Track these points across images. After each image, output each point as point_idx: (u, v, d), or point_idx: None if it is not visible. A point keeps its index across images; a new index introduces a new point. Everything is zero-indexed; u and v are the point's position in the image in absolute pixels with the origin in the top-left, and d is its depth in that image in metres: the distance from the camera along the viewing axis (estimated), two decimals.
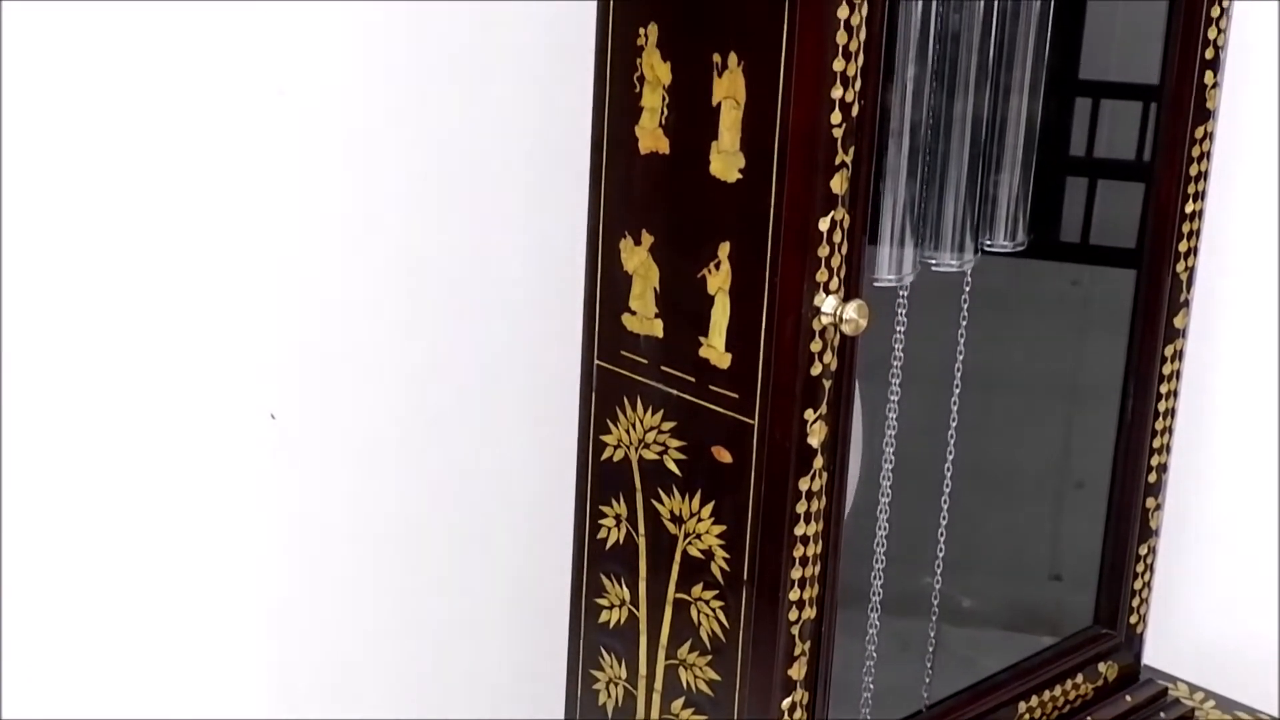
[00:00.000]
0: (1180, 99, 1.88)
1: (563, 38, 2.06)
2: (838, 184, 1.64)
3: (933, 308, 1.97)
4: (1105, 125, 2.07)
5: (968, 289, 1.92)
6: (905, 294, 1.85)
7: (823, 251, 1.65)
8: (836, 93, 1.62)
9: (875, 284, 1.78)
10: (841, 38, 1.61)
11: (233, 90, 1.99)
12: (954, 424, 1.96)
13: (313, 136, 2.04)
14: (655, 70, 1.70)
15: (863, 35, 1.62)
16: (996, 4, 1.83)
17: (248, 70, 1.99)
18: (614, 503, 1.81)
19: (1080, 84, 2.05)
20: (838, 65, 1.61)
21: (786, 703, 1.73)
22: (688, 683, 1.79)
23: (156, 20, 1.93)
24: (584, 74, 1.75)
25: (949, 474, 1.97)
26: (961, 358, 1.94)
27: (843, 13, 1.60)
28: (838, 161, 1.64)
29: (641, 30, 1.70)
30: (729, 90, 1.66)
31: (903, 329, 1.87)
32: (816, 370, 1.67)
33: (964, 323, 1.93)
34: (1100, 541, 2.06)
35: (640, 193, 1.74)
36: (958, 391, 1.95)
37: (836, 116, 1.62)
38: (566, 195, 1.88)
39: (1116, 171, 2.05)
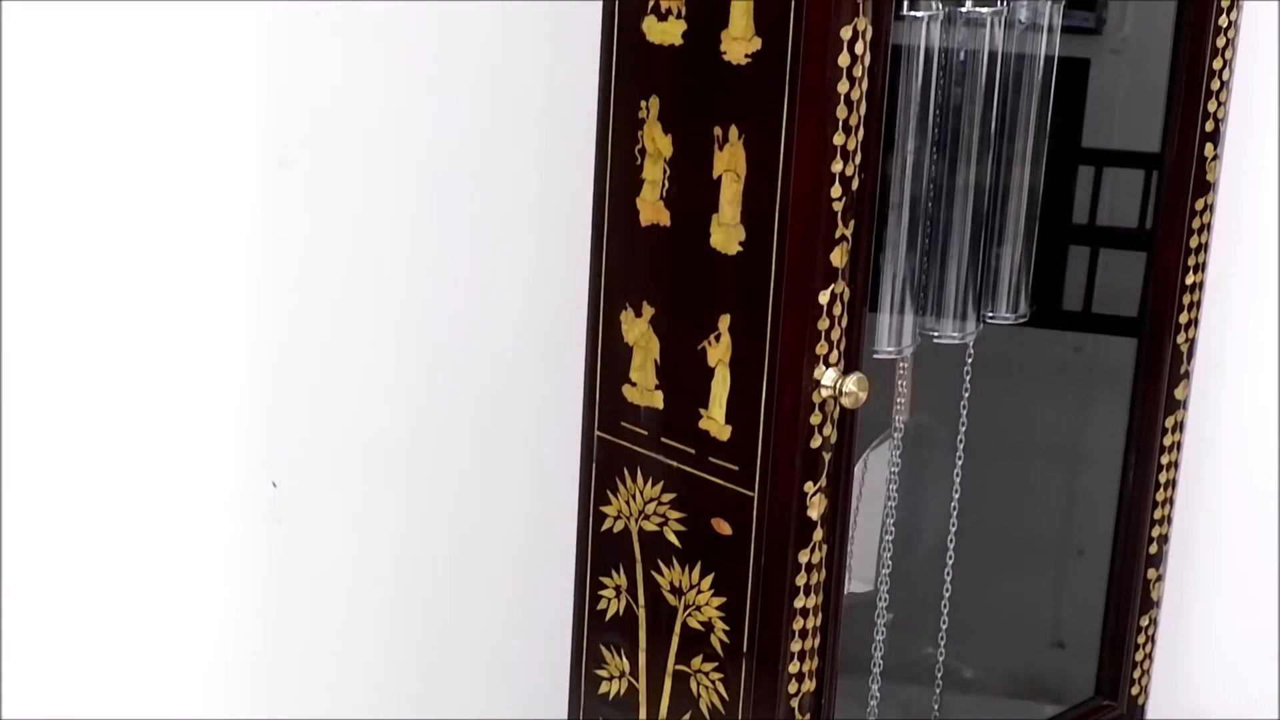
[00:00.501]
0: (1180, 172, 1.88)
1: (564, 109, 2.07)
2: (838, 257, 1.65)
3: (935, 373, 1.97)
4: (1108, 192, 2.08)
5: (970, 359, 1.92)
6: (906, 366, 1.85)
7: (823, 324, 1.65)
8: (837, 166, 1.62)
9: (875, 356, 1.79)
10: (842, 112, 1.61)
11: (233, 163, 2.00)
12: (956, 490, 1.96)
13: (315, 206, 2.05)
14: (656, 143, 1.71)
15: (863, 109, 1.63)
16: (998, 76, 1.83)
17: (248, 141, 2.00)
18: (614, 574, 1.81)
19: (1083, 152, 2.06)
20: (838, 139, 1.62)
21: None
22: None
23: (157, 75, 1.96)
24: (585, 146, 1.76)
25: (952, 541, 1.97)
26: (965, 426, 1.95)
27: (843, 87, 1.61)
28: (838, 235, 1.64)
29: (643, 103, 1.71)
30: (730, 163, 1.66)
31: (903, 399, 1.87)
32: (816, 443, 1.67)
33: (966, 389, 1.94)
34: (1102, 608, 2.06)
35: (641, 265, 1.74)
36: (960, 458, 1.95)
37: (837, 190, 1.63)
38: (567, 267, 1.89)
39: (1118, 240, 2.05)
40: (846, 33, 1.59)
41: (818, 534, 1.69)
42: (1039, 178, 1.90)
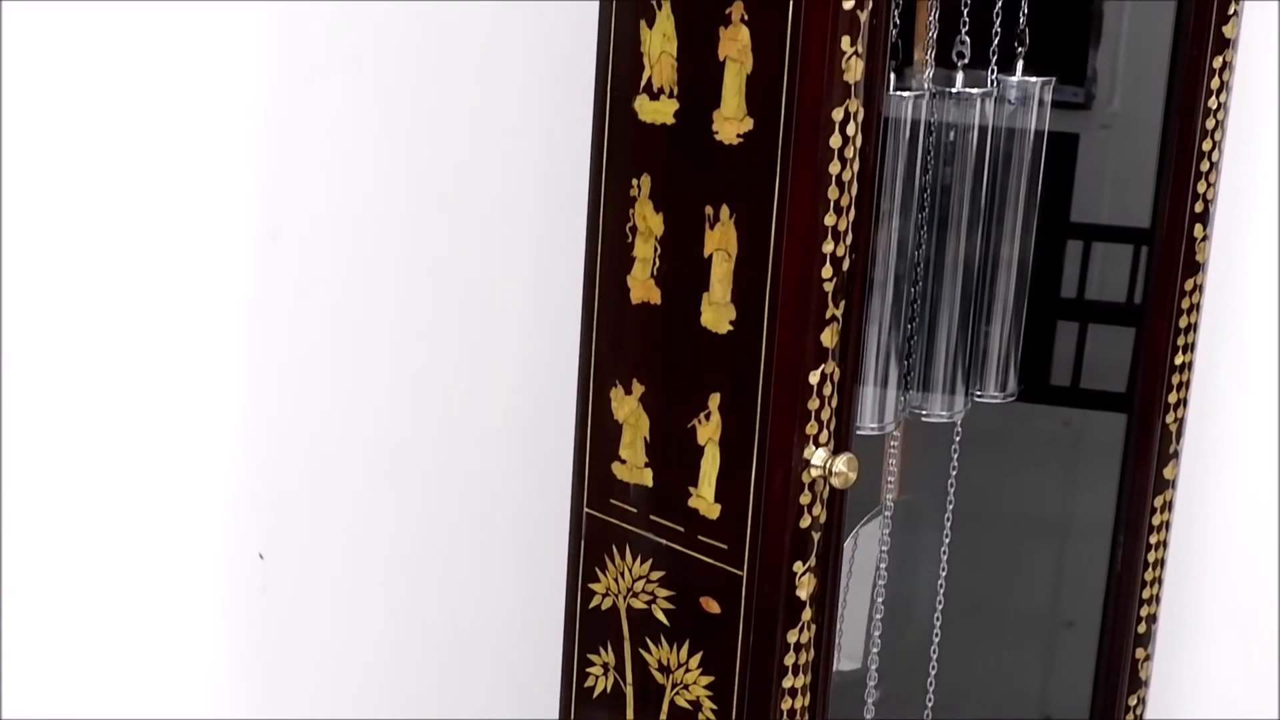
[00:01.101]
0: (1170, 252, 1.89)
1: (555, 186, 2.07)
2: (828, 337, 1.65)
3: (924, 448, 1.97)
4: (1096, 266, 2.08)
5: (958, 435, 1.93)
6: (896, 443, 1.85)
7: (813, 404, 1.65)
8: (828, 247, 1.62)
9: (859, 433, 1.79)
10: (833, 193, 1.61)
11: (225, 235, 2.00)
12: (944, 568, 1.96)
13: (305, 278, 2.06)
14: (648, 221, 1.71)
15: (854, 190, 1.63)
16: (988, 153, 1.84)
17: (240, 213, 2.01)
18: (602, 651, 1.81)
19: (1071, 226, 2.07)
20: (829, 220, 1.62)
21: None
22: None
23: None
24: (577, 222, 1.76)
25: (939, 617, 1.96)
26: (953, 503, 1.94)
27: (834, 168, 1.61)
28: (828, 315, 1.64)
29: (634, 181, 1.71)
30: (721, 242, 1.66)
31: (894, 476, 1.87)
32: (805, 523, 1.67)
33: (954, 466, 1.94)
34: (1091, 683, 2.06)
35: (632, 342, 1.74)
36: (948, 535, 1.95)
37: (827, 270, 1.63)
38: (558, 343, 1.89)
39: (1107, 316, 2.05)
40: (838, 114, 1.60)
41: (806, 614, 1.69)
42: (1028, 252, 1.91)
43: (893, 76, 1.73)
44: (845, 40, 1.59)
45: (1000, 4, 1.83)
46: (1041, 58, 1.91)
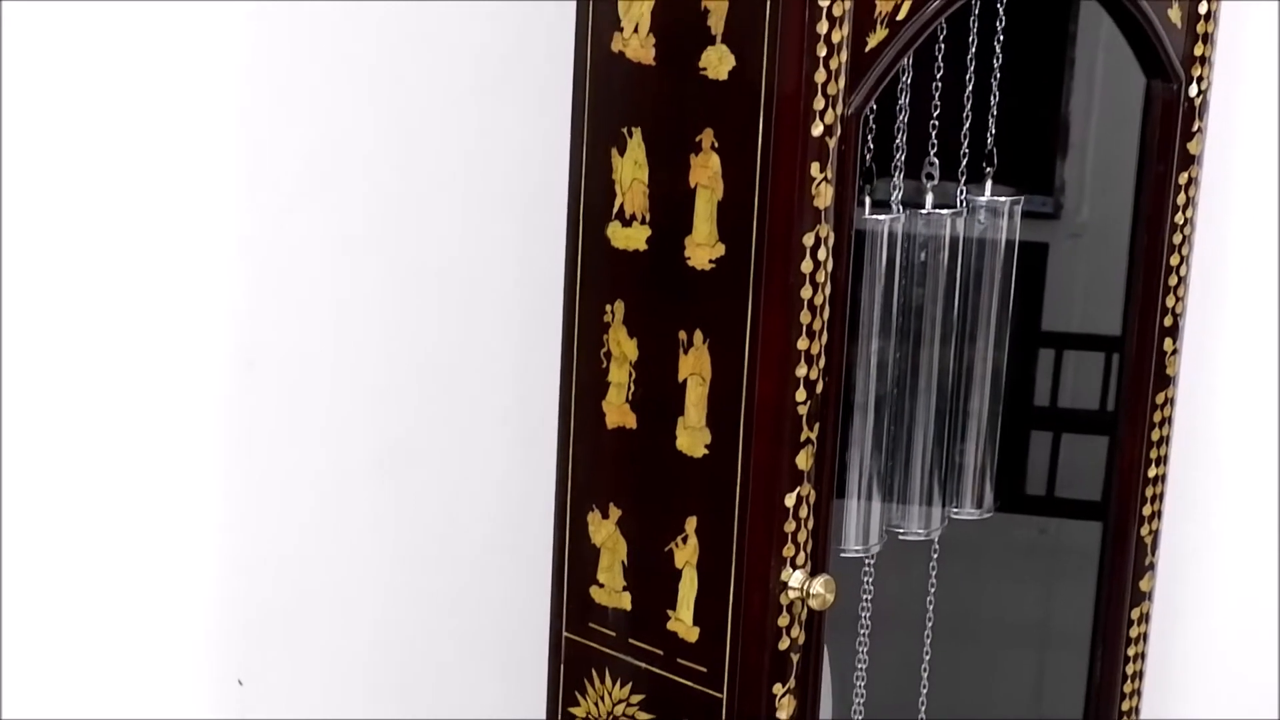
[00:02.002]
0: (1140, 367, 1.90)
1: (530, 311, 2.09)
2: (803, 460, 1.65)
3: (900, 559, 1.98)
4: (1069, 374, 2.09)
5: (935, 552, 1.93)
6: (872, 561, 1.86)
7: (789, 527, 1.65)
8: (801, 371, 1.63)
9: (842, 554, 1.79)
10: (805, 317, 1.63)
11: (202, 364, 2.02)
12: (925, 677, 1.96)
13: (282, 408, 2.07)
14: (622, 346, 1.72)
15: (826, 314, 1.64)
16: (959, 271, 1.86)
17: (218, 342, 2.03)
18: None
19: (1043, 335, 2.08)
20: (802, 344, 1.63)
21: None
22: None
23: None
24: (552, 346, 1.77)
25: None
26: (932, 620, 1.95)
27: (806, 293, 1.62)
28: (803, 438, 1.65)
29: (608, 307, 1.72)
30: (695, 367, 1.67)
31: (870, 593, 1.88)
32: (784, 645, 1.67)
33: (933, 584, 1.94)
34: None
35: (608, 466, 1.74)
36: (928, 652, 1.95)
37: (801, 394, 1.64)
38: (535, 468, 1.89)
39: (1080, 425, 2.06)
40: (809, 239, 1.61)
41: None
42: (1001, 363, 1.92)
43: (865, 200, 1.75)
44: (815, 166, 1.60)
45: (968, 123, 1.86)
46: (1010, 168, 1.93)
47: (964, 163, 1.85)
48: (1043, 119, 2.03)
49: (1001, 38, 1.85)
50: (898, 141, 1.80)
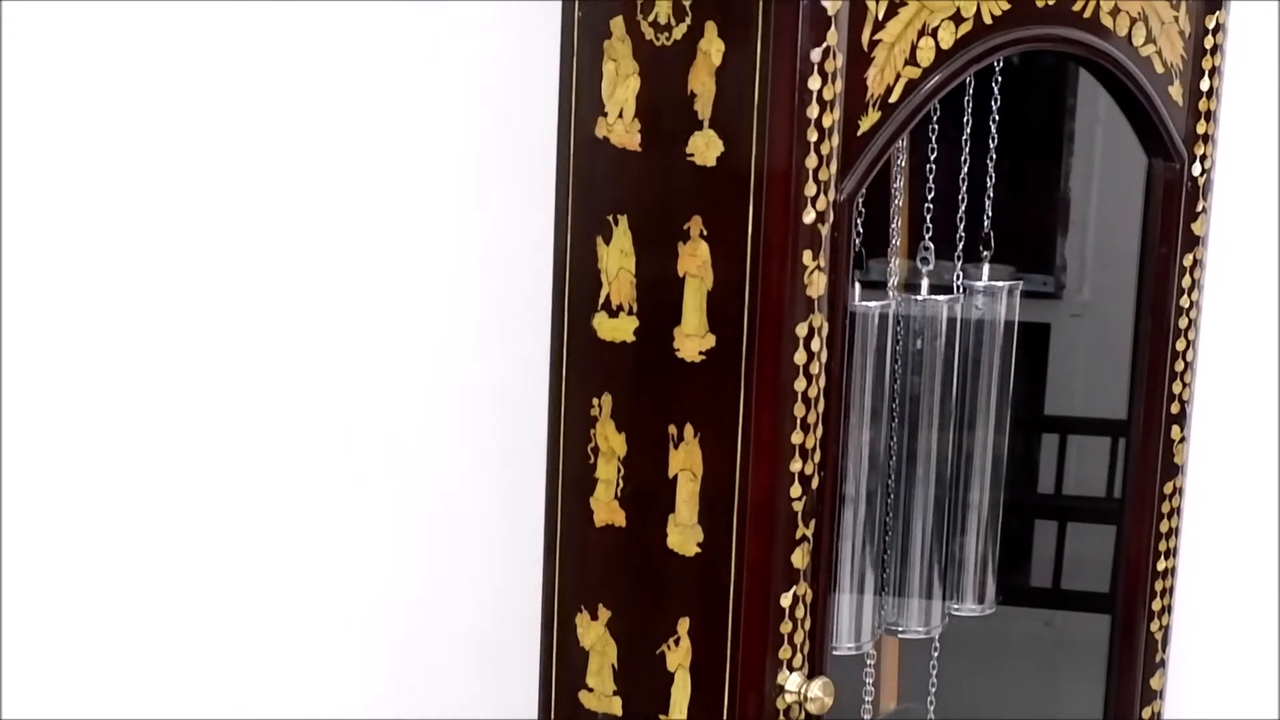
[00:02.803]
0: (1147, 456, 1.85)
1: (514, 407, 2.05)
2: (799, 558, 1.60)
3: (903, 655, 1.93)
4: (1073, 459, 2.05)
5: (937, 650, 1.88)
6: (872, 662, 1.81)
7: (785, 628, 1.60)
8: (795, 465, 1.59)
9: (835, 653, 1.74)
10: (799, 410, 1.58)
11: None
12: None
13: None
14: (610, 441, 1.68)
15: (821, 407, 1.60)
16: (957, 356, 1.81)
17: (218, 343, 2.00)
18: None
19: (1046, 419, 2.03)
20: (796, 438, 1.58)
21: None
22: None
23: None
24: (537, 443, 1.73)
25: None
26: (933, 708, 1.90)
27: (800, 385, 1.58)
28: (798, 535, 1.60)
29: (595, 401, 1.68)
30: (686, 462, 1.63)
31: (870, 694, 1.83)
32: None
33: (933, 682, 1.89)
34: None
35: (596, 566, 1.70)
36: None
37: (796, 490, 1.59)
38: (521, 569, 1.85)
39: (1087, 514, 2.02)
40: (802, 330, 1.57)
41: None
42: (1002, 449, 1.88)
43: (857, 286, 1.70)
44: (807, 254, 1.56)
45: (964, 206, 1.81)
46: (1009, 245, 1.89)
47: (960, 245, 1.81)
48: (1042, 195, 2.00)
49: (997, 118, 1.81)
50: (893, 225, 1.76)
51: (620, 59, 1.63)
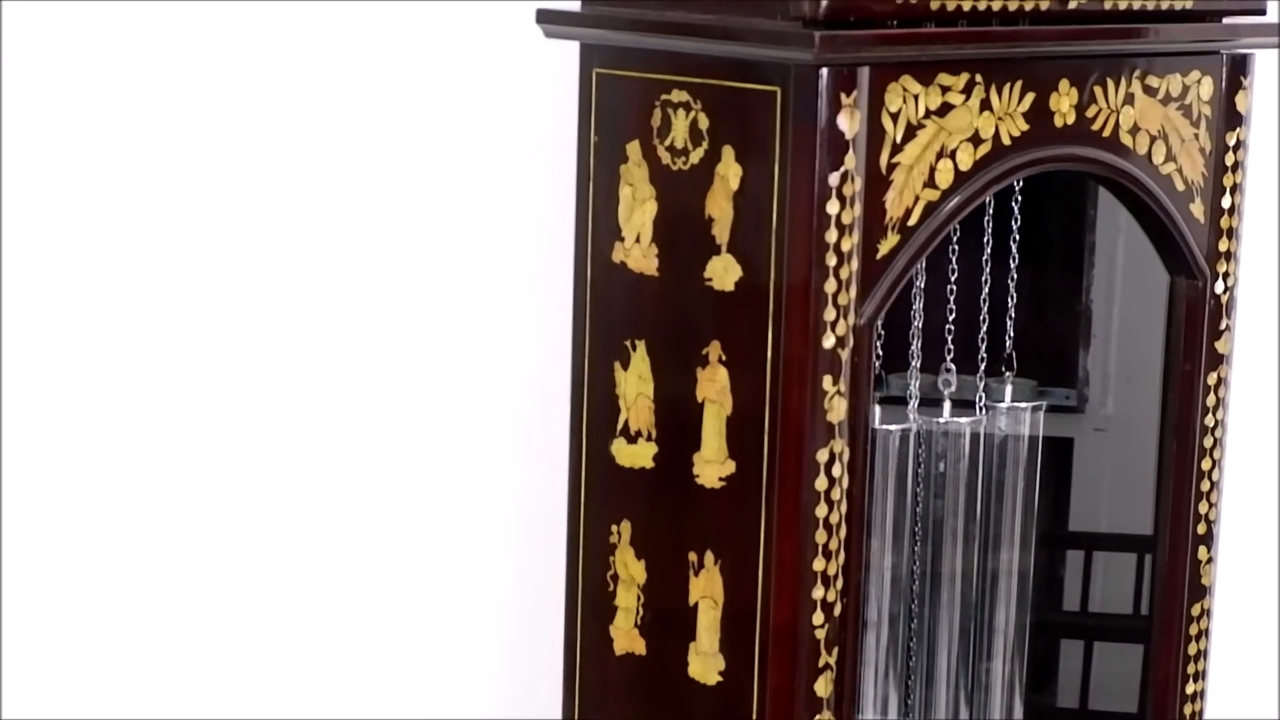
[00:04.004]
0: (1174, 579, 1.82)
1: (534, 531, 2.04)
2: (822, 687, 1.58)
3: None
4: (1099, 576, 2.02)
5: None
6: None
7: None
8: (818, 593, 1.57)
9: None
10: (821, 536, 1.56)
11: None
12: None
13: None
14: (629, 569, 1.66)
15: (843, 533, 1.58)
16: (980, 478, 1.80)
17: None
18: None
19: (1071, 536, 2.01)
20: (818, 565, 1.57)
21: None
22: None
23: None
24: (556, 570, 1.72)
25: None
26: None
27: (821, 511, 1.56)
28: (821, 664, 1.58)
29: (614, 528, 1.67)
30: (706, 589, 1.61)
31: None
32: None
33: None
34: None
35: (617, 694, 1.68)
36: None
37: (819, 617, 1.57)
38: (539, 698, 1.83)
39: (1113, 632, 1.99)
40: (823, 455, 1.56)
41: None
42: (1027, 567, 1.86)
43: (878, 409, 1.69)
44: (827, 379, 1.55)
45: (985, 326, 1.80)
46: (1031, 358, 1.88)
47: (983, 366, 1.80)
48: (1063, 307, 1.98)
49: (1018, 237, 1.80)
50: (913, 347, 1.75)
51: (637, 183, 1.63)
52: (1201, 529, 1.83)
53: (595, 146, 1.66)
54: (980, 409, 1.79)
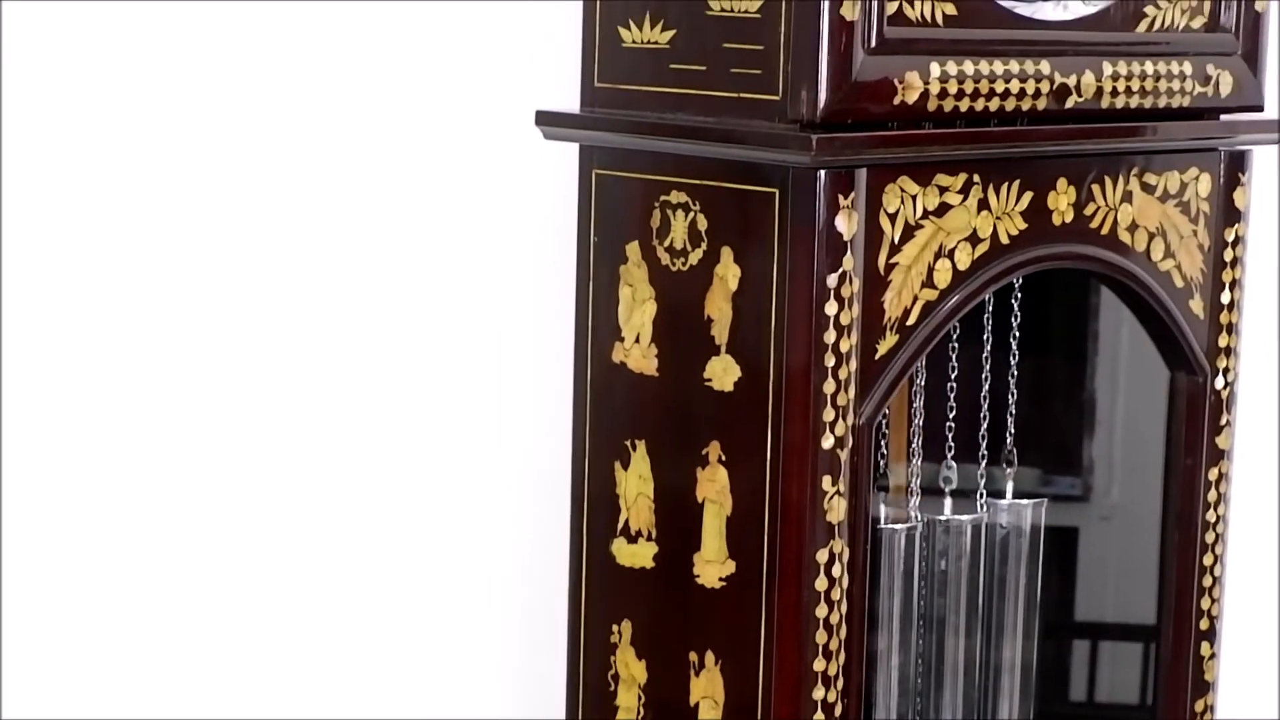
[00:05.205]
0: (1177, 671, 1.82)
1: (533, 635, 2.05)
2: None
3: None
4: (1105, 665, 2.02)
5: None
6: None
7: None
8: (818, 693, 1.56)
9: None
10: (821, 636, 1.56)
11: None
12: None
13: None
14: (630, 668, 1.66)
15: (843, 633, 1.57)
16: (982, 576, 1.80)
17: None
18: None
19: (1077, 625, 2.00)
20: (818, 665, 1.56)
21: None
22: None
23: None
24: (556, 669, 1.72)
25: None
26: None
27: (821, 611, 1.56)
28: None
29: (615, 627, 1.67)
30: (707, 690, 1.61)
31: None
32: None
33: None
34: None
35: None
36: None
37: (820, 717, 1.56)
38: None
39: None
40: (823, 555, 1.55)
41: None
42: (1031, 658, 1.85)
43: (881, 508, 1.69)
44: (826, 480, 1.55)
45: (986, 422, 1.80)
46: (1035, 448, 1.89)
47: (983, 463, 1.80)
48: (1067, 395, 1.98)
49: (1018, 334, 1.81)
50: (913, 445, 1.75)
51: (637, 283, 1.64)
52: (1204, 624, 1.82)
53: (595, 246, 1.66)
54: (981, 506, 1.78)
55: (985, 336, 1.80)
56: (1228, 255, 1.80)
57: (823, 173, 1.52)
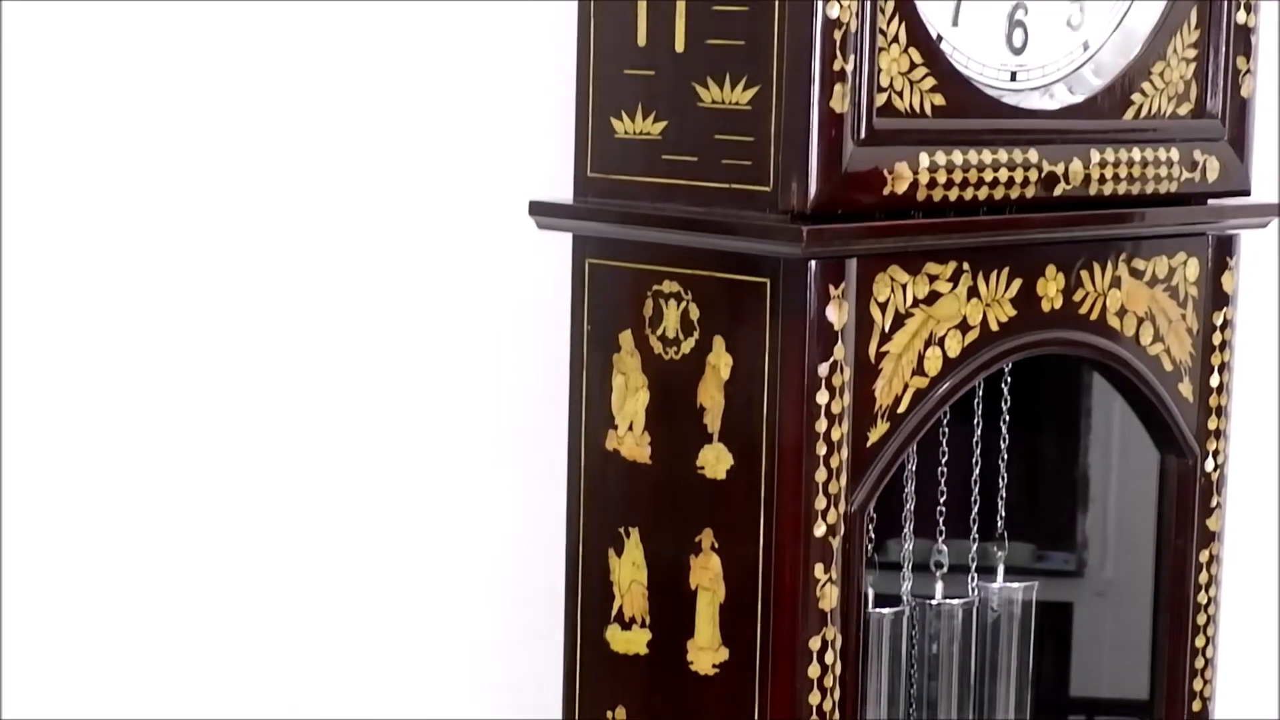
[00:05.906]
0: None
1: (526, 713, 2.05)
2: None
3: None
4: None
5: None
6: None
7: None
8: None
9: None
10: None
11: None
12: None
13: None
14: None
15: (836, 718, 1.58)
16: (974, 658, 1.80)
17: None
18: None
19: (1072, 701, 2.01)
20: None
21: None
22: None
23: None
24: None
25: None
26: None
27: (814, 699, 1.56)
28: None
29: (609, 713, 1.67)
30: None
31: None
32: None
33: None
34: None
35: None
36: None
37: None
38: None
39: None
40: (815, 643, 1.56)
41: None
42: None
43: (870, 592, 1.70)
44: (818, 567, 1.56)
45: (977, 509, 1.81)
46: (1029, 525, 1.89)
47: (975, 545, 1.81)
48: (1060, 471, 1.99)
49: (1008, 418, 1.82)
50: (905, 530, 1.76)
51: (629, 372, 1.65)
52: (1196, 705, 1.83)
53: (588, 335, 1.67)
54: (972, 590, 1.79)
55: (975, 421, 1.81)
56: (1216, 339, 1.81)
57: (813, 263, 1.53)
